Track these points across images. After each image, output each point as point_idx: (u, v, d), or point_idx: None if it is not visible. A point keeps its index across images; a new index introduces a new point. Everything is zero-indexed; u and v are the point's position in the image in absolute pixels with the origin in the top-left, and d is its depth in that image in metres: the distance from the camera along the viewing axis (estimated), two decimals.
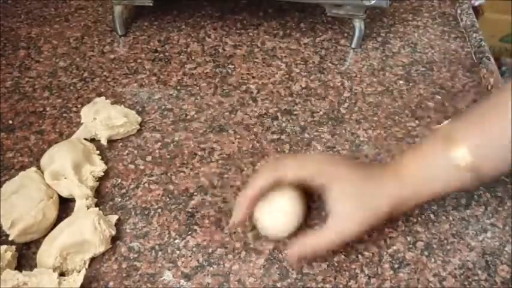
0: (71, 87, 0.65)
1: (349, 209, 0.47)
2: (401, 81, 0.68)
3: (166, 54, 0.71)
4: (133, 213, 0.52)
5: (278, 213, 0.48)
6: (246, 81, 0.67)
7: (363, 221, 0.47)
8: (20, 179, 0.51)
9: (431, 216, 0.53)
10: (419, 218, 0.53)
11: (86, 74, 0.67)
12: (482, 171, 0.46)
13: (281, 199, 0.48)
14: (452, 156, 0.46)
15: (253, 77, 0.68)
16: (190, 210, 0.53)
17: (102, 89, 0.65)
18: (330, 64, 0.70)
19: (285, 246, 0.50)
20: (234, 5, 0.78)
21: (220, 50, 0.72)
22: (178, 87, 0.66)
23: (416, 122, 0.62)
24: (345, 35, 0.75)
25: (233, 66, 0.69)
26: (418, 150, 0.50)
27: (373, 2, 0.66)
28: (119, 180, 0.55)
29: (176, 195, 0.54)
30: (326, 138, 0.60)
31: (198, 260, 0.49)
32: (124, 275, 0.47)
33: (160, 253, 0.49)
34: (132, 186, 0.55)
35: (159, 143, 0.59)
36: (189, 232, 0.51)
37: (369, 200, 0.47)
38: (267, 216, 0.48)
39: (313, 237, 0.47)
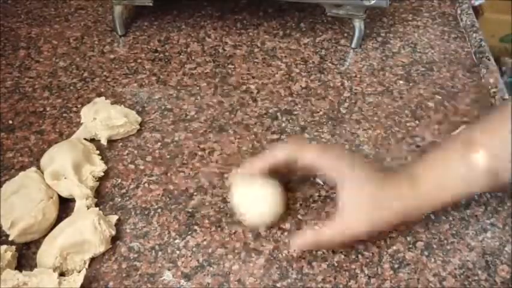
0: (71, 87, 0.65)
1: (362, 209, 0.47)
2: (401, 81, 0.68)
3: (166, 54, 0.71)
4: (133, 213, 0.52)
5: (259, 202, 0.49)
6: (246, 81, 0.67)
7: (374, 222, 0.47)
8: (20, 179, 0.51)
9: (431, 216, 0.53)
10: None
11: (86, 74, 0.67)
12: (500, 173, 0.47)
13: (263, 188, 0.49)
14: (471, 159, 0.46)
15: (253, 77, 0.68)
16: (190, 210, 0.53)
17: (102, 89, 0.65)
18: (330, 64, 0.70)
19: (284, 246, 0.50)
20: (234, 5, 0.78)
21: (220, 50, 0.72)
22: (178, 87, 0.66)
23: (416, 122, 0.62)
24: (345, 35, 0.75)
25: (233, 66, 0.69)
26: (435, 155, 0.50)
27: (373, 2, 0.66)
28: (119, 180, 0.55)
29: (176, 195, 0.54)
30: (326, 138, 0.60)
31: (198, 260, 0.49)
32: (124, 275, 0.47)
33: (160, 253, 0.49)
34: (132, 186, 0.55)
35: (159, 143, 0.59)
36: (189, 232, 0.51)
37: (382, 204, 0.47)
38: (247, 203, 0.49)
39: (324, 228, 0.48)
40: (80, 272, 0.46)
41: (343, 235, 0.47)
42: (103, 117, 0.57)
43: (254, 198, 0.49)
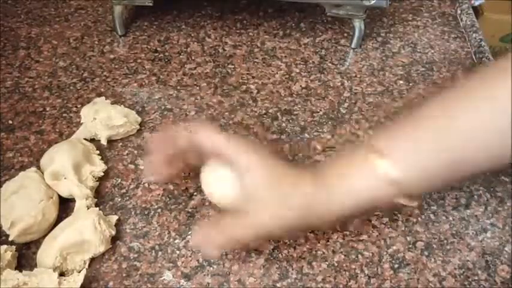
0: (71, 87, 0.65)
1: (267, 208, 0.44)
2: (401, 81, 0.68)
3: (166, 54, 0.71)
4: (133, 213, 0.52)
5: (223, 182, 0.47)
6: (246, 81, 0.67)
7: (280, 222, 0.45)
8: (20, 179, 0.51)
9: (431, 216, 0.53)
10: (419, 218, 0.53)
11: (86, 74, 0.67)
12: (405, 186, 0.44)
13: (226, 168, 0.47)
14: (375, 167, 0.43)
15: (253, 77, 0.68)
16: (190, 210, 0.53)
17: (102, 89, 0.65)
18: (330, 64, 0.70)
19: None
20: (234, 5, 0.78)
21: (220, 50, 0.72)
22: (178, 87, 0.66)
23: None
24: (345, 35, 0.75)
25: (233, 66, 0.69)
26: (342, 159, 0.47)
27: (373, 2, 0.66)
28: (119, 180, 0.55)
29: (176, 195, 0.54)
30: (326, 138, 0.60)
31: (198, 260, 0.49)
32: (124, 275, 0.47)
33: (160, 253, 0.49)
34: (132, 186, 0.55)
35: None
36: (189, 232, 0.51)
37: (286, 203, 0.44)
38: (212, 184, 0.48)
39: (229, 225, 0.45)
40: (80, 272, 0.46)
41: (254, 231, 0.45)
42: (103, 117, 0.57)
43: (217, 180, 0.48)
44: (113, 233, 0.49)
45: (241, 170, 0.45)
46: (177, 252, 0.49)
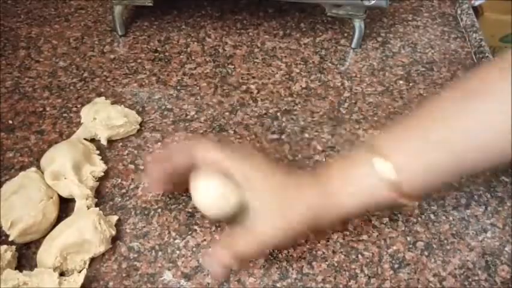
0: (71, 87, 0.65)
1: (268, 217, 0.44)
2: (401, 81, 0.68)
3: (166, 54, 0.71)
4: (133, 213, 0.52)
5: (213, 191, 0.46)
6: (246, 81, 0.67)
7: (282, 230, 0.44)
8: (20, 179, 0.51)
9: (431, 216, 0.53)
10: (419, 218, 0.53)
11: (86, 74, 0.67)
12: (406, 187, 0.44)
13: (212, 180, 0.46)
14: (376, 170, 0.43)
15: (253, 77, 0.68)
16: (190, 210, 0.53)
17: (102, 89, 0.65)
18: (330, 64, 0.70)
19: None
20: (234, 5, 0.78)
21: (220, 50, 0.72)
22: (178, 87, 0.66)
23: None
24: (345, 35, 0.75)
25: (233, 66, 0.69)
26: (343, 161, 0.47)
27: (373, 2, 0.66)
28: (119, 180, 0.55)
29: (176, 195, 0.54)
30: (326, 138, 0.60)
31: (198, 260, 0.49)
32: (124, 275, 0.47)
33: (160, 253, 0.49)
34: (132, 186, 0.55)
35: (159, 143, 0.59)
36: (189, 232, 0.51)
37: (288, 209, 0.44)
38: (197, 193, 0.47)
39: (237, 240, 0.45)
40: (80, 272, 0.46)
41: (259, 247, 0.45)
42: (103, 117, 0.57)
43: (207, 189, 0.46)
44: (113, 233, 0.49)
45: (241, 187, 0.45)
46: (177, 252, 0.49)
